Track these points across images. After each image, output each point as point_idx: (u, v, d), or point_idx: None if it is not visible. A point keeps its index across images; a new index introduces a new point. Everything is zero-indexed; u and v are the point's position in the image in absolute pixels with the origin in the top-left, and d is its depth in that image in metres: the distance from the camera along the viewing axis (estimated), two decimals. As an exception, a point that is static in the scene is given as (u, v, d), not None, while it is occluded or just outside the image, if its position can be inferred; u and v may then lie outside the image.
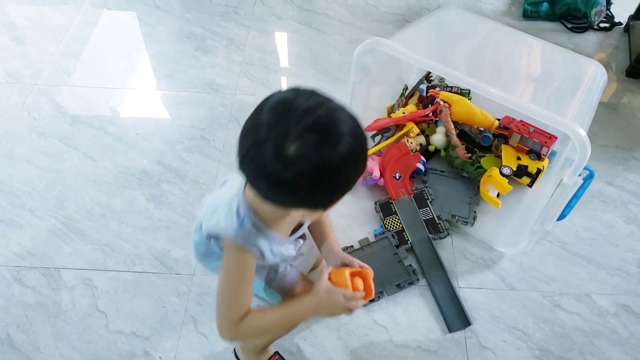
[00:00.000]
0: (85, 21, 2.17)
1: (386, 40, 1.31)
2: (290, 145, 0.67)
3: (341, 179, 0.73)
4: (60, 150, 1.64)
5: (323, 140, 0.68)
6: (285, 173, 0.69)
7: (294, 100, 0.70)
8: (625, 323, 1.30)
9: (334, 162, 0.69)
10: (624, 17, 2.27)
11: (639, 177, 1.66)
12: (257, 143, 0.70)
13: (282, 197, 0.75)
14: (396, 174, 1.50)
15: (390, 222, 1.44)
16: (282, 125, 0.68)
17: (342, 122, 0.71)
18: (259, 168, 0.71)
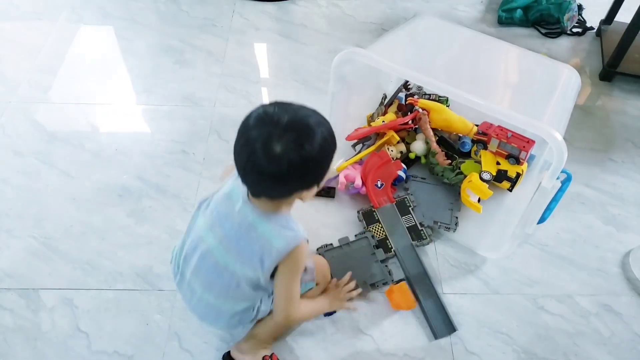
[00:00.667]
0: (60, 37, 2.14)
1: (363, 50, 1.32)
2: (276, 145, 0.86)
3: (323, 161, 0.93)
4: (38, 169, 1.62)
5: (300, 136, 0.87)
6: (280, 167, 0.87)
7: (271, 110, 0.89)
8: (607, 323, 1.32)
9: (314, 150, 0.88)
10: (596, 22, 2.33)
11: (616, 178, 1.69)
12: (251, 153, 0.87)
13: (284, 189, 0.94)
14: (378, 182, 1.50)
15: (373, 230, 1.44)
16: (266, 132, 0.87)
17: (311, 118, 0.90)
18: (258, 172, 0.89)
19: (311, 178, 0.94)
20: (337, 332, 1.27)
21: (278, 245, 0.97)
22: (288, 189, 0.94)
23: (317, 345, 1.24)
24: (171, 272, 1.16)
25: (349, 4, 2.42)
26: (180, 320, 1.27)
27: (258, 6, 2.37)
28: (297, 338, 1.25)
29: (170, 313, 1.29)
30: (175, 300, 1.31)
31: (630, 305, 1.36)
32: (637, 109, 1.96)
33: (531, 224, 1.27)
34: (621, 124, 1.89)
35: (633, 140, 1.83)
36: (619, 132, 1.86)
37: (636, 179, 1.69)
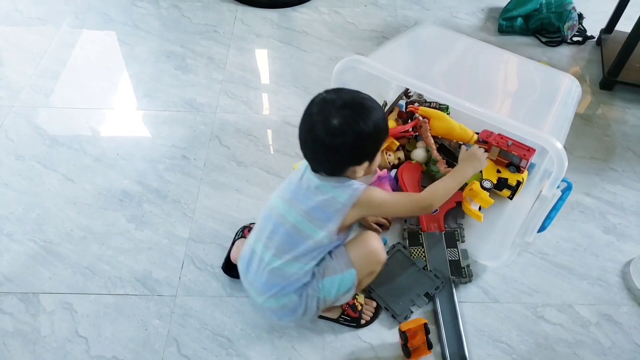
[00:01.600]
0: (63, 42, 2.15)
1: (365, 58, 1.33)
2: (334, 119, 1.01)
3: (374, 140, 1.06)
4: (39, 173, 1.62)
5: (356, 114, 1.02)
6: (334, 140, 1.02)
7: (331, 94, 1.06)
8: (608, 333, 1.32)
9: (367, 127, 1.02)
10: (596, 30, 2.34)
11: (616, 187, 1.69)
12: (311, 127, 1.03)
13: (338, 161, 1.07)
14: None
15: (413, 252, 1.42)
16: (325, 110, 1.02)
17: (368, 101, 1.06)
18: (315, 144, 1.04)
19: (362, 154, 1.07)
20: (337, 339, 1.27)
21: (342, 200, 1.08)
22: (341, 161, 1.07)
23: (316, 352, 1.24)
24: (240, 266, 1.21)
25: (350, 11, 2.43)
26: (180, 326, 1.27)
27: (260, 13, 2.39)
28: (295, 344, 1.25)
29: (170, 318, 1.29)
30: (175, 305, 1.31)
31: (630, 315, 1.36)
32: (638, 118, 1.96)
33: (531, 232, 1.27)
34: (621, 133, 1.89)
35: (633, 149, 1.83)
36: (619, 141, 1.86)
37: (636, 188, 1.69)
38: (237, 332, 1.27)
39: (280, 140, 1.79)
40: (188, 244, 1.45)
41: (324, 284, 1.14)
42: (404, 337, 1.19)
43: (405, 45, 1.55)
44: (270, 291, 1.13)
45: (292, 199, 1.12)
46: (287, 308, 1.15)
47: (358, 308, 1.27)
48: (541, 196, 1.19)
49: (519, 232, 1.30)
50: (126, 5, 2.39)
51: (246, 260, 1.18)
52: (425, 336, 1.20)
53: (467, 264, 1.39)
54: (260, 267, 1.14)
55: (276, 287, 1.12)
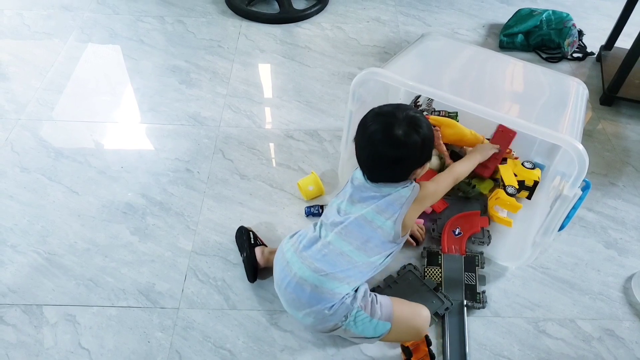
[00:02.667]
0: (69, 56, 2.18)
1: (382, 70, 1.36)
2: (398, 130, 1.13)
3: (431, 143, 1.21)
4: (44, 185, 1.64)
5: (414, 127, 1.15)
6: (401, 150, 1.15)
7: (386, 107, 1.20)
8: (610, 348, 1.32)
9: (425, 132, 1.16)
10: (596, 47, 2.36)
11: (617, 202, 1.70)
12: (376, 145, 1.16)
13: (406, 168, 1.19)
14: (457, 229, 1.49)
15: (430, 272, 1.42)
16: (386, 127, 1.15)
17: (418, 116, 1.18)
18: (382, 159, 1.16)
19: (425, 156, 1.20)
20: (338, 352, 1.27)
21: (406, 195, 1.20)
22: (408, 167, 1.19)
23: (318, 365, 1.24)
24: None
25: (353, 27, 2.46)
26: (182, 338, 1.28)
27: (263, 28, 2.42)
28: (297, 357, 1.25)
29: (172, 331, 1.29)
30: (177, 318, 1.31)
31: (632, 330, 1.36)
32: (638, 134, 1.97)
33: (552, 232, 1.29)
34: (622, 148, 1.91)
35: (634, 165, 1.84)
36: (619, 156, 1.88)
37: (637, 203, 1.70)
38: (239, 345, 1.27)
39: (283, 153, 1.81)
40: (191, 257, 1.45)
41: (357, 314, 1.15)
42: (408, 352, 1.19)
43: (416, 56, 1.58)
44: (325, 268, 1.15)
45: (360, 199, 1.23)
46: (325, 293, 1.14)
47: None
48: (563, 196, 1.21)
49: (538, 231, 1.32)
50: (132, 20, 2.42)
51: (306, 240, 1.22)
52: (427, 347, 1.20)
53: (483, 290, 1.39)
54: (324, 246, 1.19)
55: (334, 267, 1.15)
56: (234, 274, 1.42)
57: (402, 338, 1.21)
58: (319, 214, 1.57)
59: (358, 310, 1.15)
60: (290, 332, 1.30)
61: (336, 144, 1.82)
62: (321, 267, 1.15)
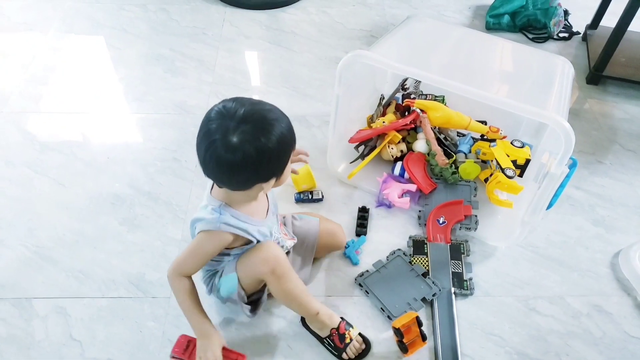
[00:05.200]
0: (51, 47, 2.15)
1: (368, 53, 1.35)
2: (233, 137, 0.92)
3: (279, 155, 0.99)
4: (30, 178, 1.62)
5: (257, 129, 0.94)
6: (235, 157, 0.93)
7: (230, 105, 0.96)
8: (598, 323, 1.33)
9: (270, 143, 0.94)
10: (582, 26, 2.37)
11: (604, 180, 1.71)
12: (211, 143, 0.94)
13: (241, 179, 1.00)
14: (441, 218, 1.49)
15: (417, 261, 1.41)
16: (224, 124, 0.93)
17: (270, 112, 0.97)
18: (217, 163, 0.95)
19: (267, 171, 1.00)
20: (331, 336, 1.27)
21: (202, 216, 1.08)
22: (245, 179, 1.00)
23: (310, 349, 1.24)
24: None
25: (338, 11, 2.44)
26: (174, 327, 1.27)
27: (248, 14, 2.39)
28: (291, 343, 1.26)
29: (164, 320, 1.29)
30: (169, 307, 1.31)
31: (620, 305, 1.38)
32: (624, 112, 1.99)
33: (540, 210, 1.30)
34: (609, 127, 1.92)
35: (620, 143, 1.85)
36: (606, 134, 1.89)
37: (624, 180, 1.71)
38: (232, 332, 1.27)
39: (271, 140, 1.80)
40: (181, 245, 1.45)
41: (219, 279, 1.20)
42: (399, 334, 1.20)
43: (402, 38, 1.57)
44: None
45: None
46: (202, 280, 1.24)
47: (346, 340, 1.21)
48: (550, 174, 1.22)
49: (527, 210, 1.34)
50: (114, 9, 2.39)
51: None
52: (418, 328, 1.21)
53: (470, 277, 1.39)
54: None
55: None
56: (225, 261, 1.41)
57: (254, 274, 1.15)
58: (309, 200, 1.56)
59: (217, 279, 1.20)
60: (283, 318, 1.30)
61: (324, 129, 1.82)
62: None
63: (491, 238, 1.49)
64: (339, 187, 1.63)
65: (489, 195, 1.51)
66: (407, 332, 1.20)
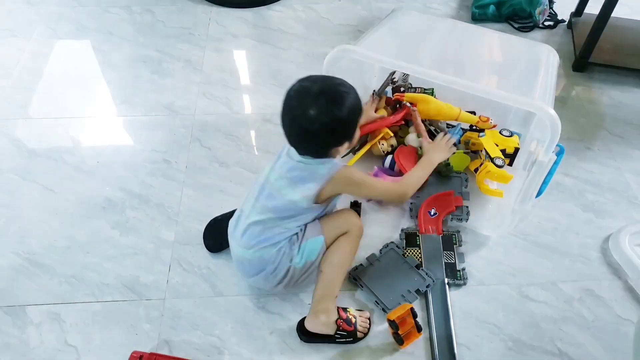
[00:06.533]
0: (36, 52, 2.13)
1: (354, 47, 1.35)
2: (311, 110, 1.10)
3: (350, 121, 1.16)
4: (19, 185, 1.61)
5: (331, 101, 1.10)
6: (313, 127, 1.11)
7: (306, 83, 1.14)
8: (590, 307, 1.35)
9: (342, 112, 1.11)
10: (566, 14, 2.38)
11: (593, 165, 1.73)
12: (292, 118, 1.14)
13: (321, 145, 1.17)
14: (432, 210, 1.49)
15: (410, 253, 1.42)
16: (303, 101, 1.11)
17: (341, 86, 1.14)
18: (299, 132, 1.15)
19: (341, 136, 1.18)
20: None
21: (322, 172, 1.19)
22: (323, 144, 1.17)
23: (307, 345, 1.25)
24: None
25: (325, 7, 2.44)
26: (170, 328, 1.27)
27: (234, 13, 2.39)
28: (287, 339, 1.26)
29: (160, 322, 1.29)
30: (164, 308, 1.31)
31: (611, 289, 1.39)
32: (611, 98, 2.00)
33: (530, 198, 1.31)
34: (596, 113, 1.93)
35: (608, 129, 1.87)
36: (594, 120, 1.90)
37: (612, 165, 1.73)
38: (228, 331, 1.27)
39: (262, 138, 1.80)
40: (174, 247, 1.45)
41: (298, 249, 1.22)
42: (394, 326, 1.21)
43: (389, 31, 1.57)
44: (250, 243, 1.21)
45: (278, 167, 1.24)
46: (263, 261, 1.21)
47: (352, 321, 1.25)
48: (538, 162, 1.23)
49: (516, 199, 1.35)
50: (98, 12, 2.37)
51: (235, 220, 1.28)
52: (413, 319, 1.22)
53: (462, 267, 1.40)
54: (244, 223, 1.23)
55: (256, 239, 1.21)
56: (219, 261, 1.41)
57: (343, 230, 1.26)
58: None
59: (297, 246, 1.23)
60: (279, 314, 1.30)
61: (314, 125, 1.81)
62: (247, 242, 1.22)
63: (483, 227, 1.50)
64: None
65: (480, 185, 1.52)
66: (402, 324, 1.20)
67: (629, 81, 2.07)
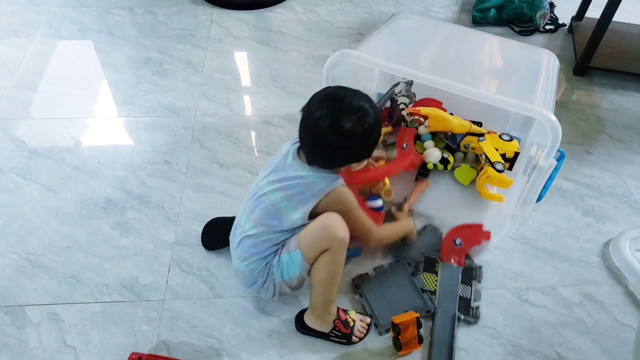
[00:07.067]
0: (38, 52, 2.14)
1: (355, 52, 1.36)
2: (346, 123, 1.07)
3: (375, 136, 1.15)
4: (19, 185, 1.61)
5: (362, 116, 1.08)
6: (344, 142, 1.09)
7: (339, 92, 1.11)
8: (590, 312, 1.35)
9: (371, 127, 1.10)
10: (567, 18, 2.38)
11: (593, 170, 1.72)
12: (320, 130, 1.08)
13: (342, 160, 1.16)
14: (458, 240, 1.42)
15: (426, 279, 1.36)
16: (334, 111, 1.08)
17: (368, 101, 1.12)
18: (326, 147, 1.11)
19: (366, 153, 1.17)
20: (326, 334, 1.27)
21: (320, 187, 1.14)
22: (345, 159, 1.16)
23: (305, 347, 1.25)
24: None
25: (326, 9, 2.44)
26: (169, 329, 1.27)
27: (236, 15, 2.39)
28: (285, 342, 1.26)
29: (159, 323, 1.28)
30: (163, 310, 1.31)
31: (611, 294, 1.39)
32: (611, 102, 2.00)
33: (530, 203, 1.31)
34: (596, 117, 1.93)
35: (608, 133, 1.87)
36: (594, 125, 1.90)
37: (612, 169, 1.73)
38: (227, 333, 1.27)
39: (262, 140, 1.80)
40: (174, 248, 1.45)
41: (279, 261, 1.19)
42: (397, 330, 1.20)
43: (388, 35, 1.58)
44: (243, 255, 1.21)
45: (277, 181, 1.18)
46: (254, 274, 1.21)
47: (350, 324, 1.25)
48: (538, 167, 1.23)
49: (517, 203, 1.35)
50: (101, 13, 2.37)
51: (233, 229, 1.27)
52: (416, 330, 1.21)
53: (477, 305, 1.33)
54: (239, 234, 1.22)
55: (248, 252, 1.20)
56: (218, 262, 1.41)
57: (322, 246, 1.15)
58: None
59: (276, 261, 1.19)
60: (277, 317, 1.30)
61: (314, 127, 1.81)
62: (240, 254, 1.22)
63: (483, 232, 1.49)
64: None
65: (480, 189, 1.52)
66: (404, 330, 1.20)
67: (629, 85, 2.08)
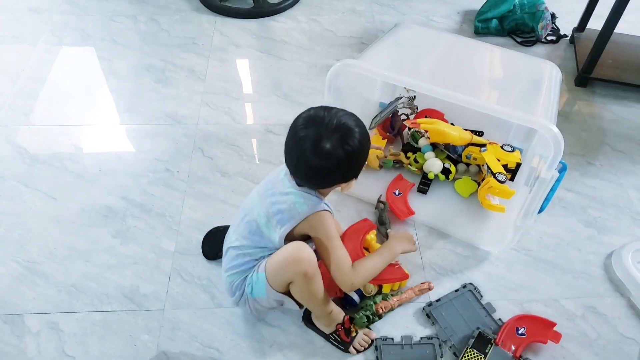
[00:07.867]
0: (41, 59, 2.14)
1: (357, 62, 1.36)
2: (326, 143, 1.04)
3: (361, 156, 1.11)
4: (20, 192, 1.60)
5: (344, 136, 1.05)
6: (326, 163, 1.05)
7: (319, 114, 1.07)
8: (593, 325, 1.34)
9: (355, 148, 1.06)
10: (569, 29, 2.39)
11: (595, 181, 1.72)
12: (301, 151, 1.05)
13: (329, 181, 1.12)
14: (522, 329, 1.28)
15: (469, 355, 1.24)
16: (316, 132, 1.05)
17: (354, 121, 1.09)
18: (308, 168, 1.07)
19: (351, 173, 1.13)
20: (326, 345, 1.27)
21: (301, 210, 1.12)
22: (331, 181, 1.12)
23: (305, 358, 1.24)
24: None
25: (328, 19, 2.45)
26: (169, 339, 1.26)
27: (238, 23, 2.40)
28: (286, 352, 1.25)
29: (159, 333, 1.28)
30: (163, 319, 1.30)
31: (614, 306, 1.38)
32: (613, 113, 2.00)
33: (532, 214, 1.30)
34: (598, 128, 1.93)
35: (610, 144, 1.87)
36: (596, 136, 1.90)
37: (614, 181, 1.72)
38: (227, 343, 1.26)
39: (264, 149, 1.80)
40: (174, 257, 1.44)
41: (251, 277, 1.18)
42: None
43: (391, 46, 1.58)
44: (227, 266, 1.22)
45: (264, 195, 1.18)
46: (232, 287, 1.21)
47: (352, 334, 1.25)
48: (540, 179, 1.22)
49: (519, 215, 1.34)
50: (104, 21, 2.38)
51: (225, 239, 1.28)
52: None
53: None
54: (227, 244, 1.24)
55: (230, 263, 1.21)
56: (219, 272, 1.39)
57: (287, 277, 1.13)
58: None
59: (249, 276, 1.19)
60: (278, 327, 1.30)
61: (316, 136, 1.81)
62: (224, 264, 1.23)
63: (484, 243, 1.49)
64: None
65: (481, 200, 1.51)
66: None
67: (631, 96, 2.08)
